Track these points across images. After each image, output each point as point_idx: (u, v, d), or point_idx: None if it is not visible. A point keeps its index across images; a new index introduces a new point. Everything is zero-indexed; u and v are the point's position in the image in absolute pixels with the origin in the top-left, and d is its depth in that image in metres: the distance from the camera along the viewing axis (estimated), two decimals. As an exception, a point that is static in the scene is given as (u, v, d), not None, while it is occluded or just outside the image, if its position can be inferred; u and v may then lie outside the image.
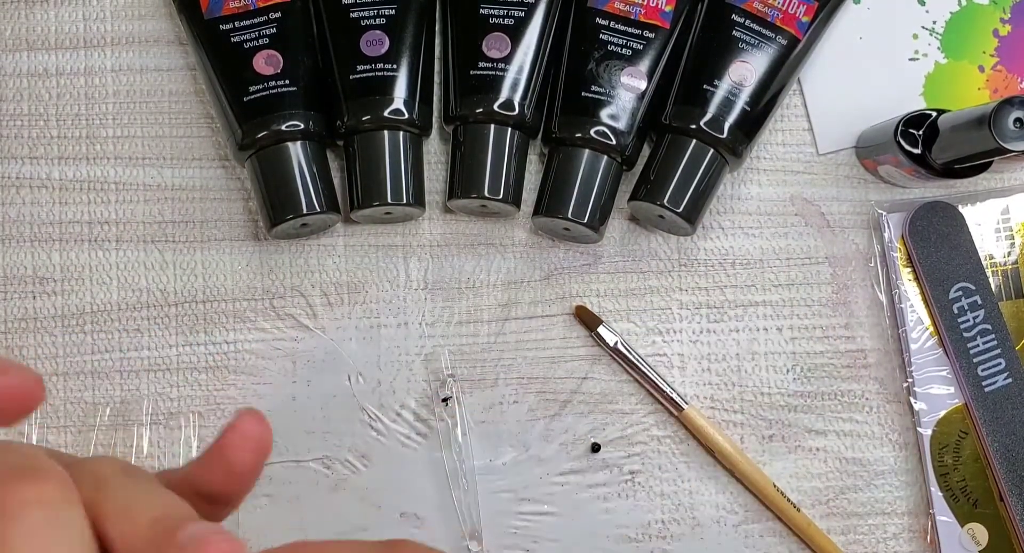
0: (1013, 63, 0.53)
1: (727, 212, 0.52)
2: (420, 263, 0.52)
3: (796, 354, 0.52)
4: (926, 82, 0.53)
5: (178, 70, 0.52)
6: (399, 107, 0.48)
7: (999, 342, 0.50)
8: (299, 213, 0.48)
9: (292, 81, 0.48)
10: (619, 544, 0.50)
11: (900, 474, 0.51)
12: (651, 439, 0.51)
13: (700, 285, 0.52)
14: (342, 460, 0.50)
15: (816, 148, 0.53)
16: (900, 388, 0.51)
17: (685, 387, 0.51)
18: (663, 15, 0.49)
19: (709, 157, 0.48)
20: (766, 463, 0.51)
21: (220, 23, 0.49)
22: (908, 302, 0.51)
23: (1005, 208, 0.52)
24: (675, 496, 0.50)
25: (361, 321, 0.51)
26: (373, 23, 0.49)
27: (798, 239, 0.52)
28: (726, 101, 0.48)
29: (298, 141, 0.48)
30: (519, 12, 0.49)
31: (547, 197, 0.49)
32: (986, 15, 0.54)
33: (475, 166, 0.48)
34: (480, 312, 0.51)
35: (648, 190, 0.48)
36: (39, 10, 0.52)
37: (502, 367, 0.51)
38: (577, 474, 0.50)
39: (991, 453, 0.49)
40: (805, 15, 0.49)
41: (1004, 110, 0.45)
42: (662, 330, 0.51)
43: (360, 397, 0.50)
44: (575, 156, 0.48)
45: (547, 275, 0.52)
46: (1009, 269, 0.51)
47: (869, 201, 0.53)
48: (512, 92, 0.48)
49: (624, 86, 0.49)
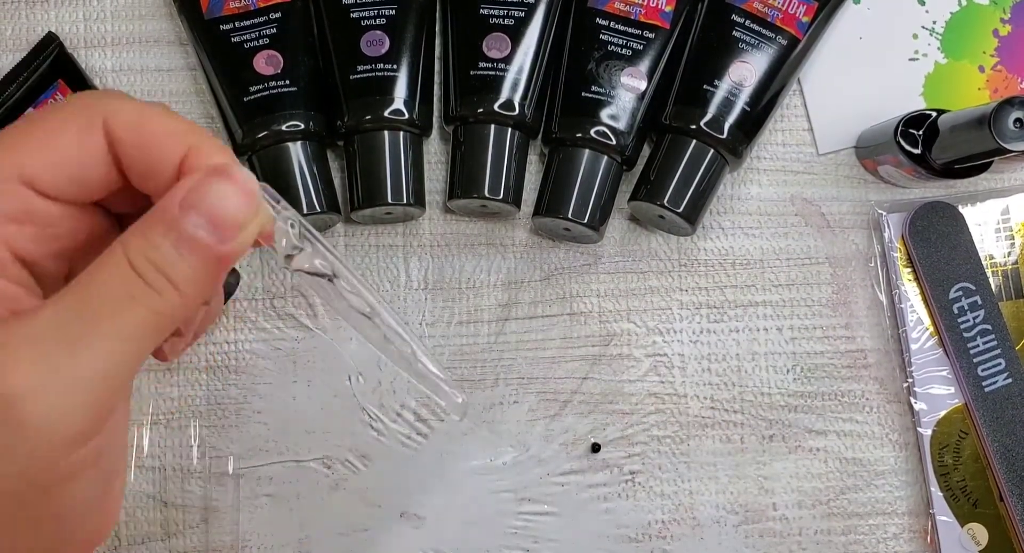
0: (1013, 63, 0.53)
1: (727, 212, 0.52)
2: (420, 263, 0.52)
3: (796, 354, 0.52)
4: (926, 82, 0.53)
5: (178, 70, 0.52)
6: (399, 107, 0.48)
7: (999, 342, 0.50)
8: (299, 213, 0.48)
9: (292, 81, 0.48)
10: (619, 544, 0.50)
11: (900, 474, 0.51)
12: (651, 439, 0.51)
13: (700, 285, 0.52)
14: (342, 460, 0.50)
15: (816, 148, 0.53)
16: (900, 388, 0.51)
17: (686, 387, 0.51)
18: (663, 15, 0.49)
19: (709, 157, 0.48)
20: (766, 463, 0.51)
21: (220, 23, 0.49)
22: (908, 302, 0.51)
23: (1005, 208, 0.52)
24: (675, 496, 0.50)
25: (361, 321, 0.51)
26: (373, 23, 0.49)
27: (798, 239, 0.52)
28: (726, 101, 0.48)
29: (298, 141, 0.48)
30: (519, 12, 0.49)
31: (547, 197, 0.49)
32: (986, 15, 0.54)
33: (475, 166, 0.49)
34: (480, 312, 0.51)
35: (648, 190, 0.48)
36: (39, 10, 0.52)
37: (502, 367, 0.51)
38: (577, 474, 0.50)
39: (991, 453, 0.49)
40: (805, 15, 0.49)
41: (1004, 110, 0.45)
42: (662, 330, 0.51)
43: (360, 397, 0.50)
44: (575, 156, 0.49)
45: (547, 275, 0.52)
46: (1009, 269, 0.51)
47: (869, 201, 0.53)
48: (512, 92, 0.49)
49: (624, 86, 0.49)
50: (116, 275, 0.24)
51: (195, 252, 0.24)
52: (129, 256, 0.24)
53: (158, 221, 0.24)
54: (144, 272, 0.24)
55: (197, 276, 0.24)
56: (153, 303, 0.24)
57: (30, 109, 0.49)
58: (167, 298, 0.24)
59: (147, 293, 0.24)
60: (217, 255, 0.24)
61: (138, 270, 0.24)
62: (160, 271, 0.24)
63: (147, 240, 0.24)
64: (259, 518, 0.50)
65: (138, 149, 0.25)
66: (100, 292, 0.24)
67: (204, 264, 0.24)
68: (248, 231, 0.25)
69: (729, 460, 0.51)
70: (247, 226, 0.25)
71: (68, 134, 0.25)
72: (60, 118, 0.25)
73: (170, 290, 0.24)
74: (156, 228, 0.24)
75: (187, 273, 0.24)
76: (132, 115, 0.25)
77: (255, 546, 0.49)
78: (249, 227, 0.25)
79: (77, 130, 0.25)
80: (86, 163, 0.25)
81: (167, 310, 0.24)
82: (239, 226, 0.25)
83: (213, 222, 0.24)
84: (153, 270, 0.24)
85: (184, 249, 0.24)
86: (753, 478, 0.51)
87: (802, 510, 0.50)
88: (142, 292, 0.24)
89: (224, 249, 0.24)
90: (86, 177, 0.26)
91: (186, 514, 0.49)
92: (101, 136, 0.25)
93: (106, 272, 0.24)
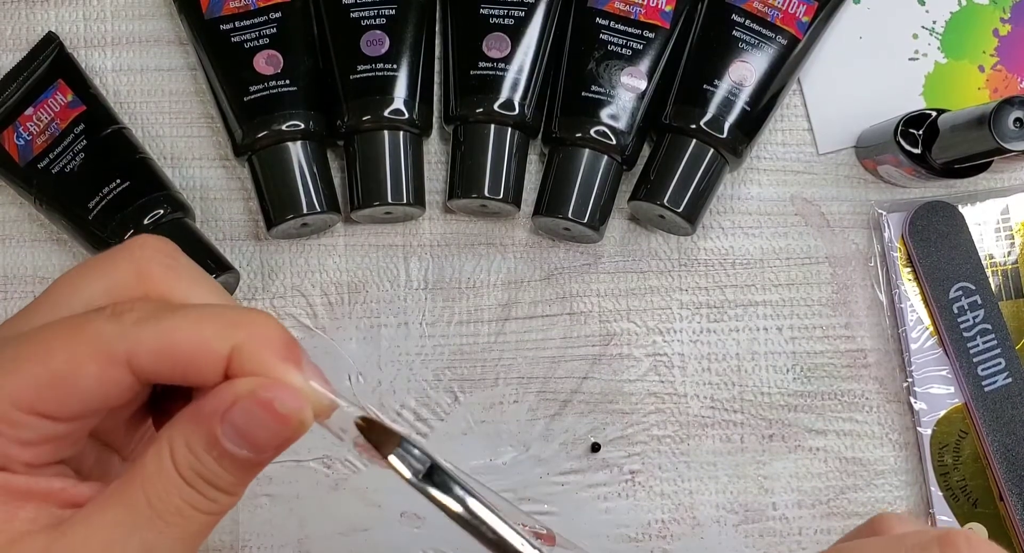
0: (1013, 63, 0.53)
1: (727, 212, 0.52)
2: (420, 263, 0.52)
3: (796, 354, 0.52)
4: (926, 82, 0.53)
5: (178, 70, 0.52)
6: (399, 107, 0.48)
7: (999, 342, 0.50)
8: (299, 213, 0.48)
9: (292, 81, 0.48)
10: (619, 544, 0.50)
11: (900, 474, 0.51)
12: (651, 439, 0.51)
13: (700, 285, 0.52)
14: (342, 460, 0.50)
15: (816, 148, 0.53)
16: (900, 388, 0.51)
17: (686, 387, 0.51)
18: (663, 15, 0.49)
19: (709, 157, 0.48)
20: (766, 463, 0.51)
21: (220, 23, 0.49)
22: (908, 302, 0.51)
23: (1005, 208, 0.52)
24: (675, 496, 0.50)
25: (361, 321, 0.51)
26: (373, 23, 0.49)
27: (798, 239, 0.52)
28: (726, 101, 0.48)
29: (298, 141, 0.48)
30: (519, 12, 0.49)
31: (547, 197, 0.49)
32: (986, 15, 0.54)
33: (475, 166, 0.49)
34: (480, 312, 0.51)
35: (648, 190, 0.48)
36: (40, 10, 0.52)
37: (502, 367, 0.51)
38: (577, 474, 0.50)
39: (991, 453, 0.49)
40: (805, 15, 0.49)
41: (1004, 110, 0.45)
42: (662, 330, 0.51)
43: (360, 397, 0.50)
44: (575, 156, 0.49)
45: (547, 275, 0.52)
46: (1009, 269, 0.51)
47: (869, 201, 0.53)
48: (512, 92, 0.49)
49: (624, 86, 0.49)
50: (173, 488, 0.25)
51: (237, 465, 0.25)
52: (179, 469, 0.25)
53: (201, 435, 0.25)
54: (195, 484, 0.25)
55: (243, 480, 0.26)
56: (210, 509, 0.25)
57: (30, 108, 0.49)
58: (221, 503, 0.25)
59: (204, 503, 0.25)
60: (259, 463, 0.25)
61: (189, 482, 0.25)
62: (209, 483, 0.25)
63: (193, 454, 0.25)
64: (259, 518, 0.50)
65: (172, 374, 0.25)
66: (162, 504, 0.25)
67: (247, 472, 0.26)
68: (294, 439, 0.25)
69: (729, 460, 0.51)
70: (290, 439, 0.25)
71: (86, 379, 0.24)
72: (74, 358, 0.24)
73: (222, 496, 0.25)
74: (199, 441, 0.25)
75: (233, 481, 0.25)
76: (156, 341, 0.24)
77: (255, 546, 0.49)
78: (295, 437, 0.25)
79: (97, 373, 0.24)
80: (112, 395, 0.25)
81: (219, 510, 0.26)
82: (279, 445, 0.25)
83: (252, 444, 0.25)
84: (203, 483, 0.25)
85: (227, 463, 0.25)
86: (753, 478, 0.51)
87: (802, 510, 0.51)
88: (200, 502, 0.25)
89: (266, 457, 0.25)
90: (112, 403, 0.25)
91: (186, 514, 0.49)
92: (126, 372, 0.24)
93: (162, 484, 0.25)
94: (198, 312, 0.25)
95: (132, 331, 0.24)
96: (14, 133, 0.49)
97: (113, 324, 0.24)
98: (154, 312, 0.24)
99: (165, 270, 0.26)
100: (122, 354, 0.24)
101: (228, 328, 0.24)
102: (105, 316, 0.24)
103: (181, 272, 0.27)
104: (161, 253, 0.27)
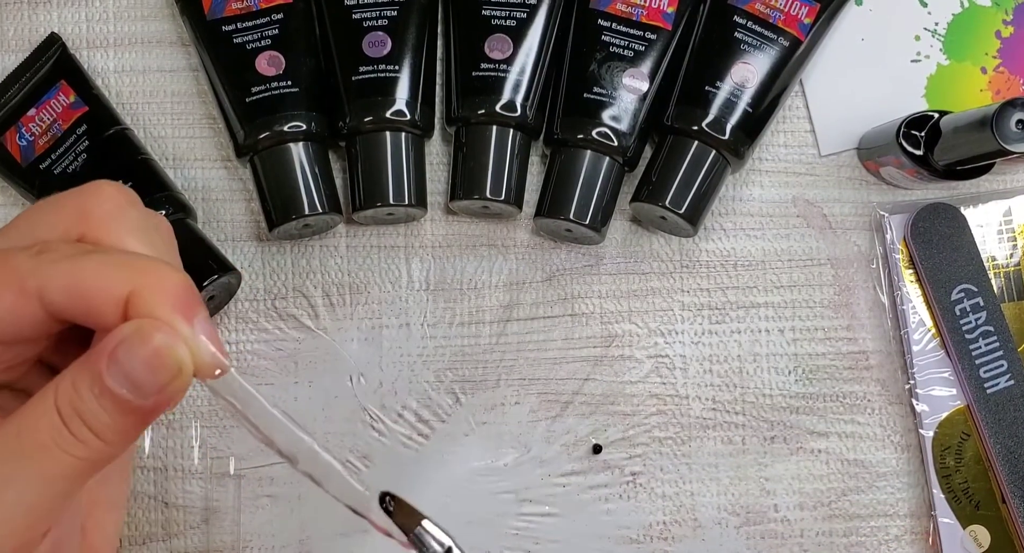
0: (1015, 64, 0.53)
1: (729, 213, 0.52)
2: (422, 264, 0.52)
3: (798, 356, 0.52)
4: (928, 83, 0.53)
5: (180, 71, 0.52)
6: (401, 108, 0.48)
7: (1001, 344, 0.50)
8: (301, 214, 0.48)
9: (294, 82, 0.48)
10: (620, 545, 0.50)
11: (902, 476, 0.51)
12: (652, 440, 0.51)
13: (702, 286, 0.52)
14: (343, 461, 0.50)
15: (818, 149, 0.53)
16: (902, 390, 0.51)
17: (687, 388, 0.51)
18: (665, 16, 0.49)
19: (711, 158, 0.48)
20: (768, 464, 0.51)
21: (222, 24, 0.49)
22: (910, 304, 0.51)
23: (1007, 210, 0.52)
24: (676, 497, 0.50)
25: (363, 322, 0.51)
26: (375, 24, 0.49)
27: (800, 241, 0.52)
28: (728, 102, 0.48)
29: (300, 142, 0.48)
30: (521, 13, 0.49)
31: (549, 198, 0.49)
32: (988, 16, 0.54)
33: (477, 167, 0.49)
34: (482, 313, 0.51)
35: (650, 191, 0.48)
36: (42, 11, 0.53)
37: (504, 368, 0.51)
38: (578, 475, 0.50)
39: (993, 455, 0.49)
40: (807, 17, 0.49)
41: (1006, 112, 0.45)
42: (664, 331, 0.51)
43: (362, 398, 0.50)
44: (577, 157, 0.49)
45: (549, 276, 0.52)
46: (1011, 271, 0.51)
47: (871, 203, 0.53)
48: (514, 93, 0.49)
49: (626, 87, 0.49)
50: (44, 421, 0.25)
51: (117, 406, 0.25)
52: (58, 404, 0.25)
53: (87, 371, 0.25)
54: (69, 421, 0.25)
55: (120, 427, 0.26)
56: (77, 451, 0.25)
57: (32, 109, 0.49)
58: (91, 447, 0.25)
59: (71, 443, 0.25)
60: (138, 409, 0.25)
61: (64, 419, 0.25)
62: (84, 422, 0.25)
63: (75, 390, 0.25)
64: (260, 519, 0.50)
65: (76, 309, 0.26)
66: (29, 437, 0.25)
67: (126, 417, 0.26)
68: (172, 387, 0.26)
69: (730, 461, 0.51)
70: (168, 386, 0.25)
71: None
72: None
73: (93, 440, 0.25)
74: (84, 378, 0.25)
75: (110, 424, 0.25)
76: (65, 278, 0.25)
77: (256, 547, 0.49)
78: (173, 384, 0.26)
79: (10, 302, 0.25)
80: (23, 325, 0.26)
81: (90, 456, 0.26)
82: (158, 388, 0.25)
83: (132, 382, 0.25)
84: (78, 420, 0.25)
85: (106, 402, 0.25)
86: (754, 479, 0.51)
87: (804, 512, 0.50)
88: (67, 441, 0.25)
89: (145, 404, 0.25)
90: (23, 334, 0.26)
91: (187, 515, 0.49)
92: (37, 306, 0.25)
93: (35, 417, 0.25)
94: (108, 256, 0.26)
95: (46, 268, 0.25)
96: (16, 134, 0.49)
97: (32, 260, 0.25)
98: (71, 253, 0.26)
99: (105, 216, 0.27)
100: (34, 288, 0.25)
101: (131, 273, 0.25)
102: (28, 253, 0.26)
103: (123, 220, 0.27)
104: (110, 200, 0.27)
